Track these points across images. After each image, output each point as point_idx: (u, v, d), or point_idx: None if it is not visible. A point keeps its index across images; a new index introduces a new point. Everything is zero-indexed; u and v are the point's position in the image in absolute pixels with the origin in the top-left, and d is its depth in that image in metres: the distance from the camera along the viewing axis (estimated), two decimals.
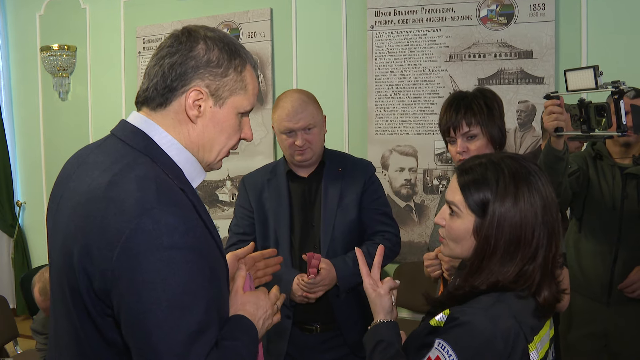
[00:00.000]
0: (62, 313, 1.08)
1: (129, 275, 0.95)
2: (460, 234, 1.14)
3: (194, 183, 1.14)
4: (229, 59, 1.12)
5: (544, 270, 1.10)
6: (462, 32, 3.25)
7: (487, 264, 1.09)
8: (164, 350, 0.95)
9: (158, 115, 1.11)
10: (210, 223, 1.10)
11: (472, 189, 1.12)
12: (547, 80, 3.08)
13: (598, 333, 2.29)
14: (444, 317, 1.09)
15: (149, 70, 1.12)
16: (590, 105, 1.79)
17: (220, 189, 3.93)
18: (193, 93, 1.09)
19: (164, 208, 0.97)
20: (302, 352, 2.07)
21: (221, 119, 1.13)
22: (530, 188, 1.10)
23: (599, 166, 2.30)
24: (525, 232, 1.08)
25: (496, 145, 1.73)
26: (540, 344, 1.11)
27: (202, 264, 1.01)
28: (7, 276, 4.53)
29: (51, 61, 4.28)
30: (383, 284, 1.28)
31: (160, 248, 0.95)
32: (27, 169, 4.62)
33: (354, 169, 2.13)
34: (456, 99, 1.77)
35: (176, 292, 0.96)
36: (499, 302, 1.07)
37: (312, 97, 2.09)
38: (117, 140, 1.11)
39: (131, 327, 0.97)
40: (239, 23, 3.80)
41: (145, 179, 1.00)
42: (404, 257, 3.37)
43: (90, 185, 1.03)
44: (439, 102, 3.29)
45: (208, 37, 1.11)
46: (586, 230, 2.32)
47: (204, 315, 0.99)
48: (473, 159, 1.20)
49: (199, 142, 1.13)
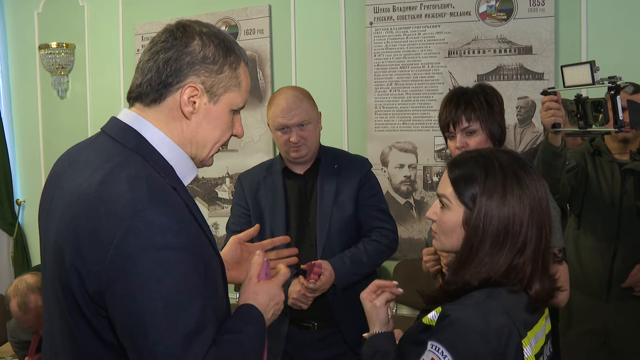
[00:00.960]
0: (56, 314, 1.08)
1: (124, 277, 0.95)
2: (450, 226, 1.15)
3: (185, 180, 1.13)
4: (225, 56, 1.11)
5: (535, 263, 1.11)
6: (462, 28, 3.23)
7: (476, 255, 1.11)
8: (161, 351, 0.94)
9: (151, 111, 1.10)
10: (202, 221, 1.09)
11: (462, 181, 1.14)
12: (547, 76, 3.06)
13: (597, 330, 2.29)
14: (436, 315, 1.09)
15: (142, 65, 1.11)
16: (587, 101, 1.78)
17: (219, 186, 3.93)
18: (188, 89, 1.08)
19: (156, 208, 0.97)
20: (300, 350, 2.07)
21: (215, 115, 1.12)
22: (519, 181, 1.11)
23: (597, 162, 2.29)
24: (513, 224, 1.09)
25: (495, 142, 1.72)
26: (534, 339, 1.10)
27: (197, 263, 1.00)
28: (7, 275, 4.53)
29: (50, 59, 4.27)
30: (380, 295, 1.27)
31: (153, 249, 0.94)
32: (26, 167, 4.62)
33: (350, 166, 2.12)
34: (456, 94, 1.75)
35: (171, 292, 0.95)
36: (490, 298, 1.07)
37: (307, 93, 2.08)
38: (108, 138, 1.10)
39: (127, 329, 0.97)
40: (238, 20, 3.78)
41: (137, 178, 1.00)
42: (404, 254, 3.37)
43: (82, 185, 1.02)
44: (438, 98, 3.28)
45: (204, 32, 1.11)
46: (585, 226, 2.31)
47: (201, 315, 0.98)
48: (464, 154, 1.23)
49: (192, 138, 1.12)
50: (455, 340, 1.03)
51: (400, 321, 3.01)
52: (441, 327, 1.06)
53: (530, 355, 1.07)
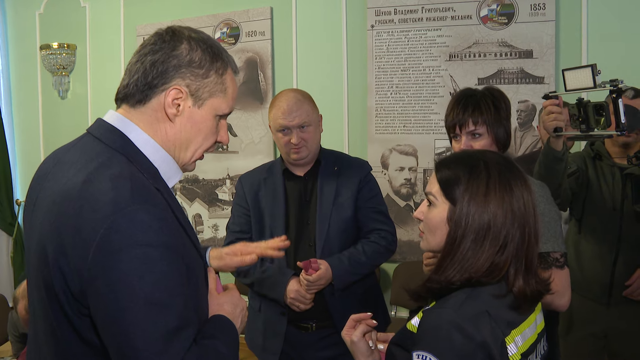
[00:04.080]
0: (40, 314, 1.08)
1: (105, 274, 0.95)
2: (436, 222, 1.17)
3: (169, 182, 1.14)
4: (211, 61, 1.12)
5: (518, 262, 1.13)
6: (463, 32, 3.24)
7: (458, 249, 1.12)
8: (143, 347, 0.94)
9: (136, 112, 1.11)
10: (186, 222, 1.10)
11: (448, 179, 1.17)
12: (547, 80, 3.07)
13: (598, 334, 2.28)
14: (417, 320, 1.11)
15: (130, 66, 1.12)
16: (589, 105, 1.78)
17: (220, 187, 3.93)
18: (173, 91, 1.09)
19: (138, 206, 0.97)
20: (299, 350, 2.07)
21: (199, 119, 1.13)
22: (503, 181, 1.13)
23: (598, 166, 2.28)
24: (494, 221, 1.11)
25: (500, 146, 1.70)
26: (521, 337, 1.11)
27: (178, 262, 1.00)
28: (6, 275, 4.53)
29: (51, 60, 4.27)
30: (357, 329, 1.29)
31: (135, 245, 0.95)
32: (26, 168, 4.62)
33: (350, 168, 2.13)
34: (464, 96, 1.74)
35: (153, 289, 0.95)
36: (470, 298, 1.09)
37: (308, 96, 2.10)
38: (93, 138, 1.11)
39: (108, 326, 0.97)
40: (239, 22, 3.79)
41: (120, 177, 1.00)
42: (404, 257, 3.37)
43: (66, 185, 1.02)
44: (439, 101, 3.29)
45: (192, 37, 1.12)
46: (586, 231, 2.31)
47: (182, 312, 0.98)
48: (452, 154, 1.26)
49: (175, 141, 1.13)
50: (439, 344, 1.03)
51: (400, 323, 3.01)
52: (423, 334, 1.07)
53: (515, 353, 1.08)
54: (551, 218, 1.62)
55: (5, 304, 3.31)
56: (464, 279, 1.11)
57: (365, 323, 1.30)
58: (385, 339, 1.32)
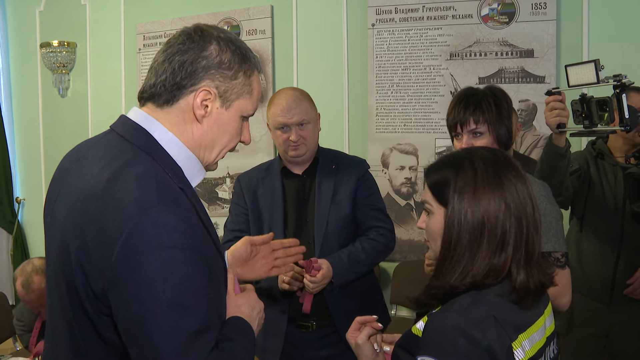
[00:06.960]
0: (58, 309, 1.07)
1: (129, 275, 0.94)
2: (436, 229, 1.16)
3: (193, 182, 1.13)
4: (240, 63, 1.12)
5: (517, 261, 1.11)
6: (463, 31, 3.23)
7: (454, 251, 1.11)
8: (165, 350, 0.93)
9: (163, 112, 1.10)
10: (209, 223, 1.09)
11: (437, 184, 1.16)
12: (548, 79, 3.06)
13: (599, 333, 2.28)
14: (422, 325, 1.09)
15: (157, 65, 1.11)
16: (592, 100, 1.77)
17: (220, 186, 3.92)
18: (202, 93, 1.08)
19: (164, 207, 0.96)
20: (299, 349, 2.07)
21: (226, 120, 1.13)
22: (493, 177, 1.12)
23: (600, 165, 2.28)
24: (488, 218, 1.09)
25: (502, 145, 1.69)
26: (528, 342, 1.09)
27: (202, 264, 1.00)
28: (6, 272, 4.52)
29: (51, 57, 4.27)
30: (362, 332, 1.28)
31: (160, 247, 0.94)
32: (26, 166, 4.62)
33: (347, 166, 2.14)
34: (466, 95, 1.73)
35: (176, 292, 0.94)
36: (475, 302, 1.07)
37: (306, 94, 2.10)
38: (117, 136, 1.09)
39: (130, 327, 0.96)
40: (240, 20, 3.78)
41: (145, 176, 0.99)
42: (404, 256, 3.36)
43: (89, 182, 1.01)
44: (439, 100, 3.28)
45: (221, 38, 1.11)
46: (588, 230, 2.30)
47: (205, 315, 0.98)
48: (438, 158, 1.25)
49: (201, 141, 1.12)
50: (444, 349, 1.02)
51: (400, 323, 3.02)
52: (428, 338, 1.05)
53: (523, 358, 1.06)
54: (552, 218, 1.62)
55: (6, 301, 3.31)
56: (467, 283, 1.09)
57: (370, 326, 1.29)
58: (391, 341, 1.31)
